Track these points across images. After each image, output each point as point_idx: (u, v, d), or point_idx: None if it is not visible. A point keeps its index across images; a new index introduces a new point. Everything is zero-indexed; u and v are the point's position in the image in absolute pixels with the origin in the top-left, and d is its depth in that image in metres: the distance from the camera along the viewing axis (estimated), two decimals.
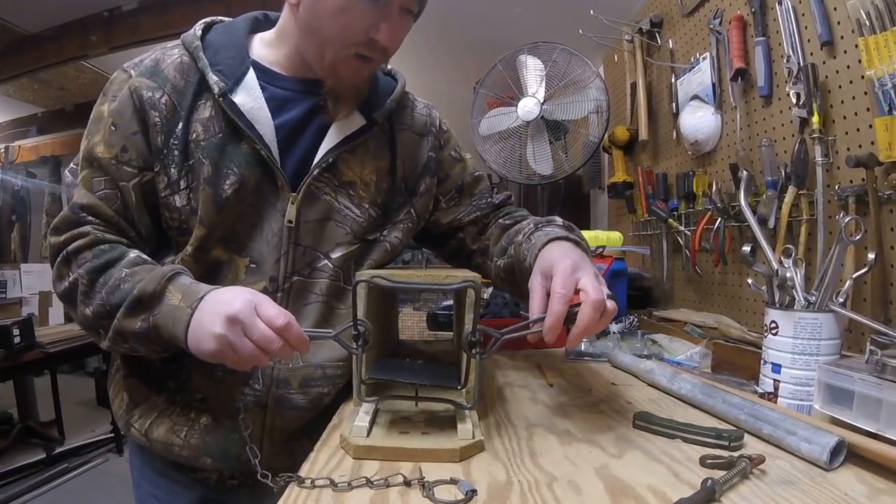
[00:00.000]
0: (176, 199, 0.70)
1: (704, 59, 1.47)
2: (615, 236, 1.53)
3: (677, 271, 1.67)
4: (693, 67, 1.53)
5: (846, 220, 0.73)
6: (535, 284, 0.63)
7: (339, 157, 0.74)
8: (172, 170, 0.69)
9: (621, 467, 0.51)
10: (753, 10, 1.24)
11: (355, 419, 0.61)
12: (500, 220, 0.89)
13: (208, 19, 0.76)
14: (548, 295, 0.60)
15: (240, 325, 0.56)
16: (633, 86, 1.90)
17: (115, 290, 0.63)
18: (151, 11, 2.54)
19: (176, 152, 0.69)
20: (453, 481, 0.47)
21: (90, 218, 0.68)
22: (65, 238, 0.67)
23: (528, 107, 1.73)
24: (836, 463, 0.51)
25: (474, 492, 0.45)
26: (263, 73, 0.73)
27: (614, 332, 1.25)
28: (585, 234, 1.51)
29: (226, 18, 0.78)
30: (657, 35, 1.77)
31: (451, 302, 1.63)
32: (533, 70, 1.75)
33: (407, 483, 0.47)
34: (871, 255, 0.76)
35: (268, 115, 0.70)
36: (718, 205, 1.32)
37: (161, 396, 0.74)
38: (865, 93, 0.95)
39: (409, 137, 0.83)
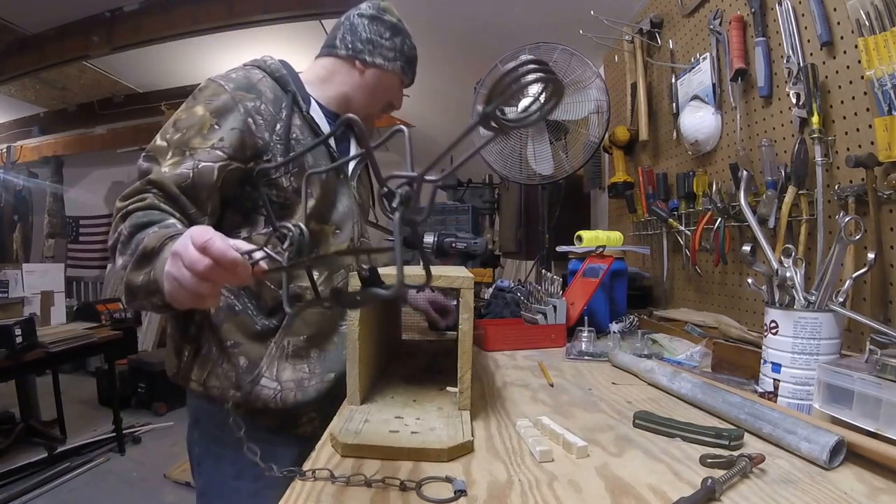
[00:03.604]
0: (283, 180, 0.92)
1: (704, 59, 1.47)
2: (615, 236, 1.53)
3: (677, 271, 1.68)
4: (693, 68, 1.53)
5: (846, 219, 0.73)
6: None
7: (361, 170, 1.10)
8: (279, 158, 0.90)
9: (622, 466, 0.52)
10: (753, 10, 1.24)
11: (348, 418, 0.61)
12: None
13: (265, 56, 1.00)
14: None
15: (178, 257, 0.57)
16: (634, 86, 1.90)
17: (138, 246, 0.70)
18: (153, 12, 2.55)
19: (279, 146, 0.91)
20: (448, 479, 0.48)
21: (154, 190, 0.80)
22: (128, 202, 0.79)
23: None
24: (836, 462, 0.51)
25: (464, 492, 0.45)
26: (318, 103, 1.03)
27: (615, 332, 1.25)
28: (586, 234, 1.52)
29: (273, 57, 1.02)
30: (657, 35, 1.77)
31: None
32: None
33: (402, 481, 0.47)
34: (871, 255, 0.76)
35: (329, 129, 1.01)
36: (718, 205, 1.32)
37: (271, 348, 0.91)
38: (865, 93, 0.95)
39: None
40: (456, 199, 2.91)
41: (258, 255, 0.54)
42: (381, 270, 0.54)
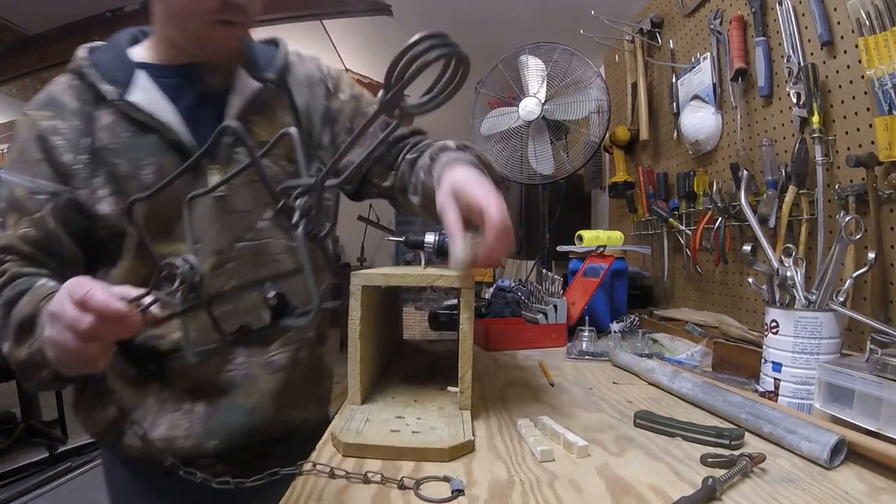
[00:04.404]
0: (103, 206, 0.71)
1: (705, 59, 1.47)
2: (616, 236, 1.54)
3: (678, 271, 1.68)
4: (693, 67, 1.53)
5: (846, 219, 0.73)
6: (446, 205, 0.63)
7: (250, 119, 0.77)
8: (89, 181, 0.71)
9: (622, 466, 0.52)
10: (753, 10, 1.24)
11: (349, 417, 0.61)
12: (408, 155, 0.87)
13: (88, 45, 0.78)
14: (462, 211, 0.62)
15: (57, 318, 0.51)
16: (634, 86, 1.90)
17: (14, 320, 0.62)
18: None
19: (83, 165, 0.71)
20: (446, 479, 0.48)
21: (10, 257, 0.70)
22: None
23: (530, 107, 1.74)
24: (837, 461, 0.51)
25: (461, 492, 0.45)
26: (153, 70, 0.75)
27: (615, 332, 1.25)
28: (587, 233, 1.52)
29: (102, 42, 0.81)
30: (658, 35, 1.77)
31: (453, 301, 1.64)
32: (534, 70, 1.76)
33: (401, 479, 0.47)
34: (871, 255, 0.76)
35: (166, 102, 0.73)
36: (719, 204, 1.32)
37: (149, 399, 0.75)
38: (865, 92, 0.95)
39: (304, 92, 0.85)
40: None
41: (148, 298, 0.48)
42: (381, 270, 0.51)
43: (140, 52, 0.79)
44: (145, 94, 0.73)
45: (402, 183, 0.87)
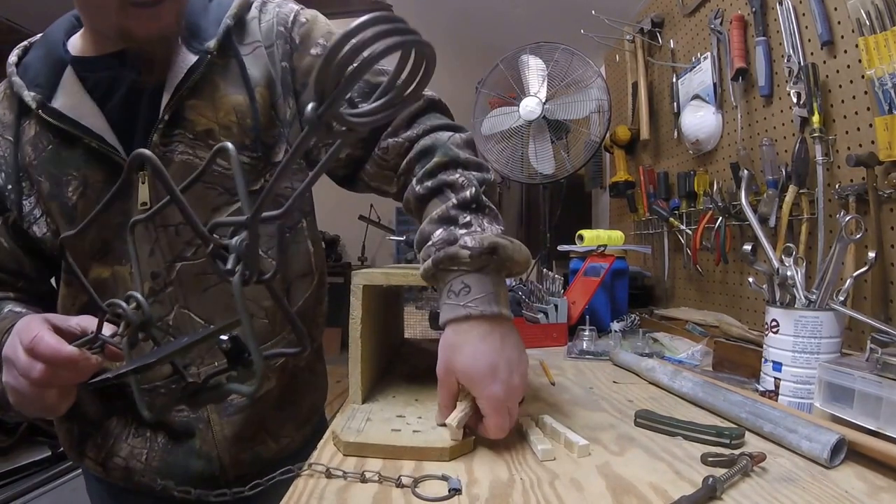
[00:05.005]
0: (36, 229, 0.66)
1: (705, 58, 1.47)
2: (617, 235, 1.54)
3: (678, 270, 1.68)
4: (694, 67, 1.53)
5: (846, 218, 0.73)
6: (442, 383, 0.56)
7: (186, 106, 0.65)
8: (22, 201, 0.66)
9: (623, 465, 0.52)
10: (754, 9, 1.24)
11: (350, 416, 0.62)
12: (416, 187, 0.63)
13: (25, 42, 0.70)
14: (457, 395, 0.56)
15: (11, 364, 0.49)
16: (635, 85, 1.90)
17: None
18: None
19: (13, 184, 0.66)
20: (444, 478, 0.48)
21: None
22: None
23: (530, 106, 1.74)
24: (837, 461, 0.51)
25: (458, 491, 0.45)
26: (83, 65, 0.66)
27: (616, 331, 1.25)
28: (587, 233, 1.52)
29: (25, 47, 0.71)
30: (658, 35, 1.77)
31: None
32: (535, 70, 1.76)
33: (398, 478, 0.47)
34: (872, 254, 0.76)
35: (91, 105, 0.64)
36: (719, 204, 1.32)
37: (112, 420, 0.70)
38: (865, 92, 0.95)
39: (261, 55, 0.69)
40: None
41: (105, 332, 0.46)
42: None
43: (76, 43, 0.68)
44: (68, 98, 0.64)
45: (406, 207, 0.69)
